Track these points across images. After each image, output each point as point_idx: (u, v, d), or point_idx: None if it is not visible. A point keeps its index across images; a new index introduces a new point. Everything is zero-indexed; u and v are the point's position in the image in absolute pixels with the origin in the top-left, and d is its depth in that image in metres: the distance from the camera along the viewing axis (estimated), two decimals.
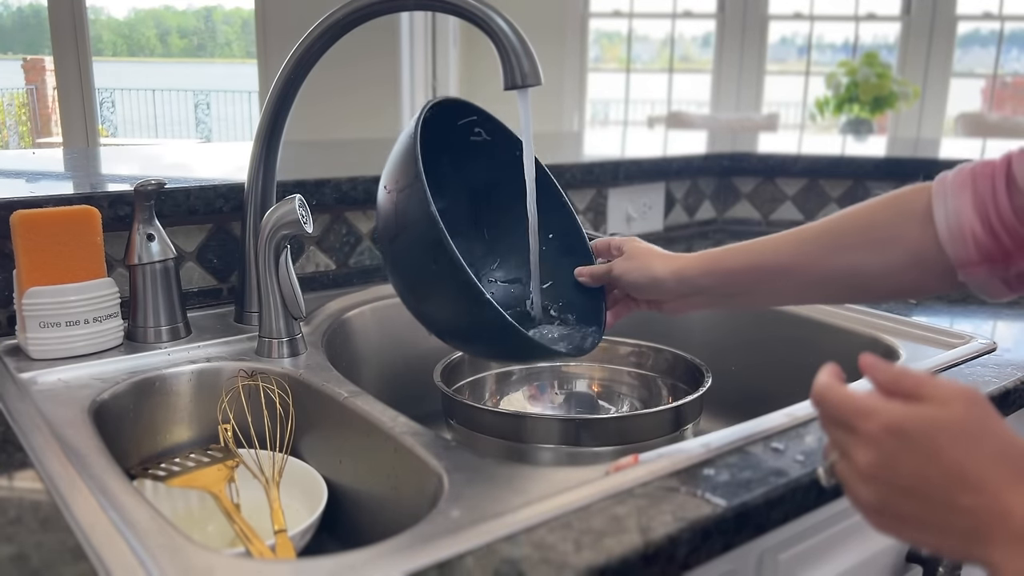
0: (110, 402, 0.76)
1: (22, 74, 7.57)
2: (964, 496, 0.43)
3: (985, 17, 5.88)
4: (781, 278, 0.72)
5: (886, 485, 0.46)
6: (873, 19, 6.04)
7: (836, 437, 0.49)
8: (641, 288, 0.79)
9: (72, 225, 0.82)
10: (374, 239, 1.15)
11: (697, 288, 0.76)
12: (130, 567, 0.49)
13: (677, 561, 0.55)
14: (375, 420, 0.72)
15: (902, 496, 0.45)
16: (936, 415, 0.45)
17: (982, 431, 0.44)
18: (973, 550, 0.44)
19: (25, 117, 7.71)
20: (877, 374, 0.48)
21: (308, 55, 0.88)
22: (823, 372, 0.50)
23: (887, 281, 0.68)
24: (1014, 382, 0.82)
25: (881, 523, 0.48)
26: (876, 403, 0.46)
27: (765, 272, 0.72)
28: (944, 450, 0.44)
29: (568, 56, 5.73)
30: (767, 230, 0.77)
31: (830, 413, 0.49)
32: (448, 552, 0.51)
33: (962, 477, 0.44)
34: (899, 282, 0.68)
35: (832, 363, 0.51)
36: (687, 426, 0.84)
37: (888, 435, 0.45)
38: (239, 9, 12.66)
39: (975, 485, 0.43)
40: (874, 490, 0.46)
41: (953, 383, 0.46)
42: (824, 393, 0.49)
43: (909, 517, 0.46)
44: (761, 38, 5.82)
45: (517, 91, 0.76)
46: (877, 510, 0.47)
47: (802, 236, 0.71)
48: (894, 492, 0.46)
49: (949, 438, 0.44)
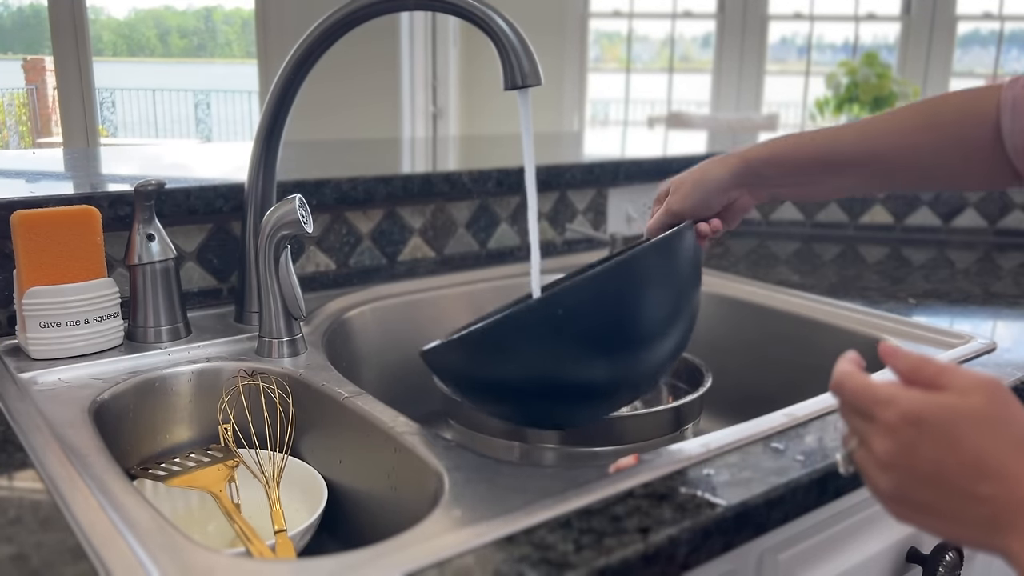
0: (110, 402, 0.76)
1: (22, 74, 7.57)
2: (983, 485, 0.43)
3: (985, 17, 5.88)
4: (846, 168, 0.74)
5: (905, 473, 0.46)
6: (873, 19, 6.04)
7: (855, 425, 0.49)
8: (705, 200, 0.79)
9: (72, 225, 0.82)
10: (374, 239, 1.15)
11: (762, 178, 0.77)
12: (130, 567, 0.49)
13: (677, 561, 0.55)
14: (375, 420, 0.72)
15: (921, 485, 0.45)
16: (956, 404, 0.45)
17: (1002, 420, 0.44)
18: (992, 539, 0.44)
19: (25, 117, 7.71)
20: (897, 361, 0.48)
21: (308, 55, 0.88)
22: (843, 360, 0.50)
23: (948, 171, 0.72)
24: (1014, 382, 0.82)
25: (899, 512, 0.48)
26: (895, 391, 0.46)
27: (830, 164, 0.75)
28: (963, 439, 0.44)
29: (568, 56, 5.73)
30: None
31: (849, 401, 0.49)
32: (448, 552, 0.51)
33: (981, 466, 0.43)
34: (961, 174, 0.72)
35: (852, 351, 0.51)
36: (687, 426, 0.84)
37: (907, 424, 0.45)
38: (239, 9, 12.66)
39: (994, 474, 0.43)
40: (893, 478, 0.46)
41: (974, 372, 0.46)
42: (843, 381, 0.49)
43: (928, 506, 0.46)
44: (761, 38, 5.82)
45: (517, 91, 0.76)
46: (895, 499, 0.47)
47: (866, 129, 0.74)
48: (913, 481, 0.45)
49: (968, 427, 0.44)
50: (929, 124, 0.72)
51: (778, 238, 1.51)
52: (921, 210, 1.53)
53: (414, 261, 1.20)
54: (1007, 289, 1.18)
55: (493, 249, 1.27)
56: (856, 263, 1.34)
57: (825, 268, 1.29)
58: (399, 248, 1.18)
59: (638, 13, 6.21)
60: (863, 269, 1.29)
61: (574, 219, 1.34)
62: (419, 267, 1.19)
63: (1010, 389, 0.45)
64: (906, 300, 1.11)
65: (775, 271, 1.26)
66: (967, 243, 1.49)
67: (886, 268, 1.30)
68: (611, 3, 6.09)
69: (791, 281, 1.19)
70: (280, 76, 0.89)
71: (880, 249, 1.44)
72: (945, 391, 0.45)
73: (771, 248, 1.43)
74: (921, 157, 0.73)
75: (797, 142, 0.78)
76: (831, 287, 1.16)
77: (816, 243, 1.48)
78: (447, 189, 1.19)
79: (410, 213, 1.18)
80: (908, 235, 1.54)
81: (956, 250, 1.44)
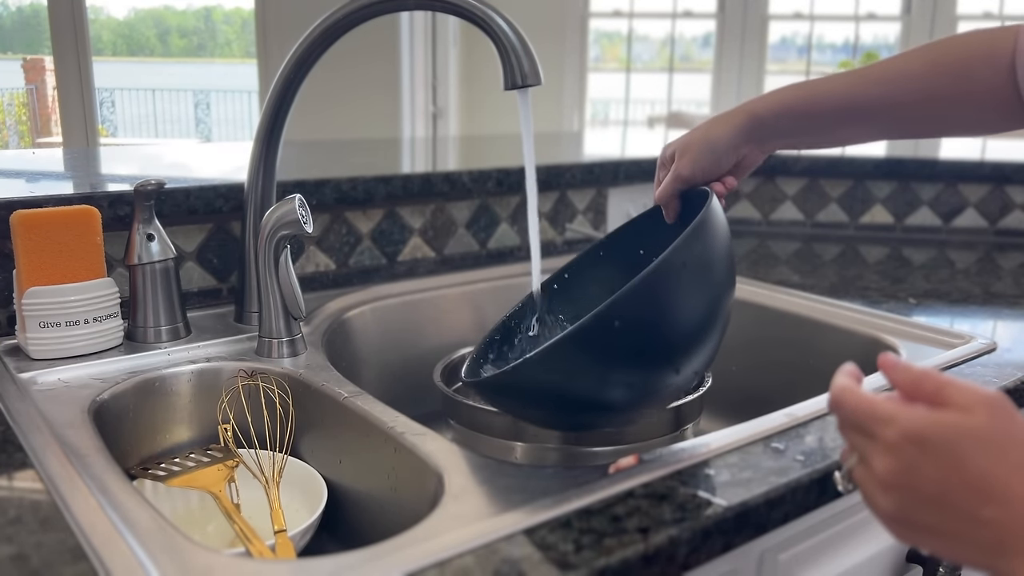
0: (110, 402, 0.76)
1: (22, 74, 7.57)
2: (987, 508, 0.42)
3: (985, 17, 5.88)
4: (862, 119, 0.74)
5: (907, 494, 0.44)
6: (873, 19, 6.04)
7: (855, 442, 0.47)
8: (716, 162, 0.77)
9: (72, 225, 0.82)
10: (374, 239, 1.15)
11: (772, 131, 0.76)
12: (130, 567, 0.49)
13: (677, 561, 0.55)
14: (375, 420, 0.72)
15: (923, 506, 0.44)
16: (959, 422, 0.43)
17: (1007, 439, 0.43)
18: (997, 563, 0.43)
19: (25, 117, 7.71)
20: (897, 375, 0.46)
21: (308, 55, 0.88)
22: (840, 374, 0.49)
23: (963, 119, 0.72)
24: (1014, 382, 0.82)
25: (901, 532, 0.46)
26: (896, 409, 0.45)
27: (846, 115, 0.74)
28: (967, 459, 0.42)
29: (568, 56, 5.73)
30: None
31: (848, 418, 0.47)
32: (448, 552, 0.51)
33: (986, 488, 0.42)
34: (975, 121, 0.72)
35: (850, 363, 0.50)
36: (687, 426, 0.84)
37: (909, 443, 0.44)
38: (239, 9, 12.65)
39: (999, 497, 0.42)
40: (894, 499, 0.45)
41: (976, 388, 0.44)
42: (842, 397, 0.47)
43: (930, 527, 0.44)
44: (761, 38, 5.81)
45: (517, 91, 0.76)
46: (897, 519, 0.46)
47: (881, 77, 0.73)
48: (915, 502, 0.44)
49: (972, 446, 0.43)
50: (943, 69, 0.71)
51: (778, 238, 1.51)
52: (921, 210, 1.53)
53: (414, 261, 1.20)
54: (1007, 289, 1.18)
55: (493, 249, 1.27)
56: (856, 263, 1.34)
57: (825, 268, 1.29)
58: (399, 248, 1.18)
59: (638, 13, 6.21)
60: (863, 269, 1.29)
61: (574, 219, 1.34)
62: (419, 267, 1.19)
63: (1013, 404, 0.44)
64: (906, 300, 1.11)
65: (775, 271, 1.26)
66: (967, 243, 1.49)
67: (886, 268, 1.30)
68: (611, 3, 6.09)
69: (791, 281, 1.19)
70: (280, 76, 0.89)
71: (880, 249, 1.44)
72: (947, 408, 0.44)
73: (771, 248, 1.43)
74: (937, 105, 0.72)
75: (810, 93, 0.75)
76: (831, 287, 1.16)
77: (816, 243, 1.48)
78: (447, 189, 1.19)
79: (410, 213, 1.18)
80: (908, 235, 1.54)
81: (956, 250, 1.44)
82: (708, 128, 0.78)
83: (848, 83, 0.75)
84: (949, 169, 1.52)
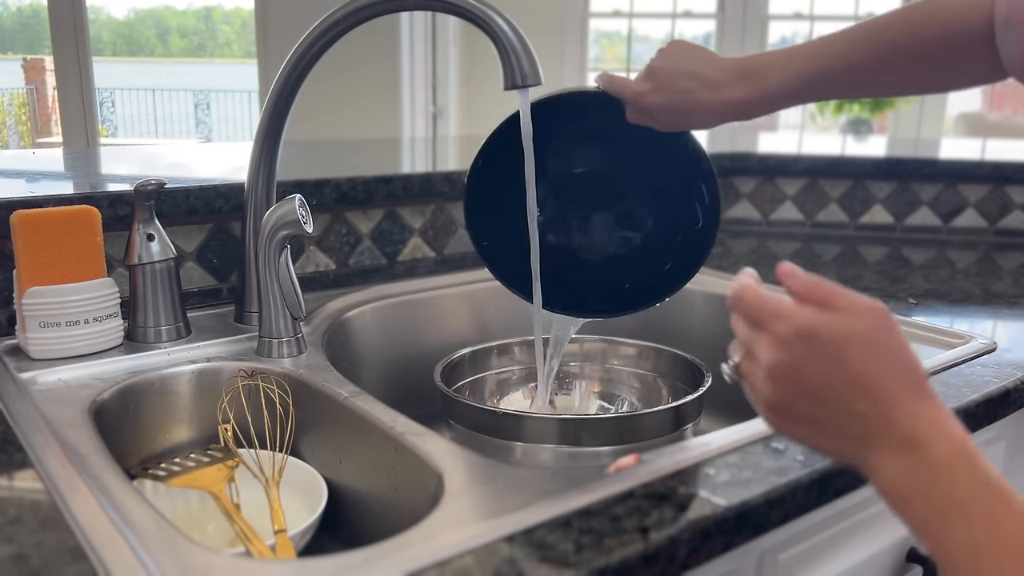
0: (110, 402, 0.76)
1: (22, 74, 7.57)
2: (863, 403, 0.46)
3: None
4: (836, 89, 0.80)
5: (790, 385, 0.47)
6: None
7: (746, 337, 0.51)
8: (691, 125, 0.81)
9: (72, 225, 0.82)
10: (374, 239, 1.15)
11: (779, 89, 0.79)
12: (130, 567, 0.49)
13: (677, 561, 0.55)
14: (375, 420, 0.72)
15: (804, 398, 0.47)
16: (847, 325, 0.46)
17: (888, 345, 0.47)
18: (857, 452, 0.47)
19: (25, 117, 7.71)
20: (793, 282, 0.50)
21: (308, 55, 0.88)
22: (742, 274, 0.52)
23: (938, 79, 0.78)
24: (1014, 382, 0.82)
25: (777, 421, 0.50)
26: (791, 307, 0.48)
27: (821, 86, 0.79)
28: (851, 359, 0.46)
29: (568, 56, 5.73)
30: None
31: (745, 311, 0.50)
32: (448, 552, 0.51)
33: (864, 384, 0.46)
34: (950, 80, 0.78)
35: (750, 268, 0.54)
36: (687, 426, 0.84)
37: (799, 339, 0.47)
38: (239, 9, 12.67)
39: (875, 394, 0.45)
40: (778, 390, 0.48)
41: (864, 297, 0.48)
42: (743, 293, 0.51)
43: (806, 419, 0.48)
44: (761, 38, 5.81)
45: (517, 91, 0.76)
46: (776, 409, 0.49)
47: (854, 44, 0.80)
48: (797, 394, 0.47)
49: (856, 348, 0.46)
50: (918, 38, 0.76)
51: (778, 238, 1.51)
52: (921, 210, 1.53)
53: (414, 261, 1.20)
54: (1007, 289, 1.18)
55: None
56: (856, 263, 1.34)
57: (825, 268, 1.29)
58: (399, 248, 1.18)
59: (638, 13, 6.21)
60: (863, 269, 1.29)
61: None
62: (419, 267, 1.19)
63: (893, 317, 0.48)
64: (906, 300, 1.11)
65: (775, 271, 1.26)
66: (967, 243, 1.49)
67: (886, 268, 1.30)
68: (611, 3, 6.10)
69: None
70: (280, 76, 0.89)
71: (880, 249, 1.44)
72: (837, 312, 0.47)
73: (771, 248, 1.43)
74: (913, 71, 0.77)
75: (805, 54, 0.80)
76: None
77: (816, 243, 1.48)
78: (447, 189, 1.19)
79: (410, 213, 1.18)
80: (908, 235, 1.54)
81: (956, 250, 1.44)
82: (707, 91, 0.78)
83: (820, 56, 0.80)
84: (949, 169, 1.52)
